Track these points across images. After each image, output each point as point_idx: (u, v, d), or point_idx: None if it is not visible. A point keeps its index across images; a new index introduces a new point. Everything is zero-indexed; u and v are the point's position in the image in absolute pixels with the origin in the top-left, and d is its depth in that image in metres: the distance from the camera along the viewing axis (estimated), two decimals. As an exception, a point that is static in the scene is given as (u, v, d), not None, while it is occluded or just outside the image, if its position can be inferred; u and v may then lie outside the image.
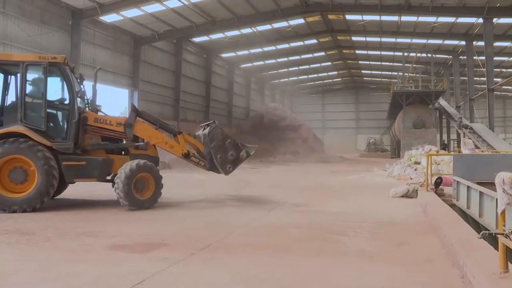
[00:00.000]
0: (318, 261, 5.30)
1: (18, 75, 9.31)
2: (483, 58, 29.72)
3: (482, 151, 21.34)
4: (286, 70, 53.76)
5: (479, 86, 40.02)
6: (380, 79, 60.42)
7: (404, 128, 37.93)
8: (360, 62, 52.41)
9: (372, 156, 45.38)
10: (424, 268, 4.98)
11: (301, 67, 52.94)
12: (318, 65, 53.07)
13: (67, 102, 9.47)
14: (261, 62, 48.82)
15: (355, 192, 13.05)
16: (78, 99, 9.65)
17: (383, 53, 45.19)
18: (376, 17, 33.54)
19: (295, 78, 59.10)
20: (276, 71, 54.11)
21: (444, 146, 35.70)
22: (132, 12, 27.79)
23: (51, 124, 9.38)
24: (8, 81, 9.81)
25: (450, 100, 43.89)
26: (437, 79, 43.54)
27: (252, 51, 43.62)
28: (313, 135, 45.94)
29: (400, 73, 42.13)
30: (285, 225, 7.62)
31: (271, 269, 4.96)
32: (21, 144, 8.62)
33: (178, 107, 35.29)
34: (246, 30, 36.66)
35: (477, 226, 7.21)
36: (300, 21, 36.18)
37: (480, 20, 29.13)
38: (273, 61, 48.53)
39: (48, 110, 9.20)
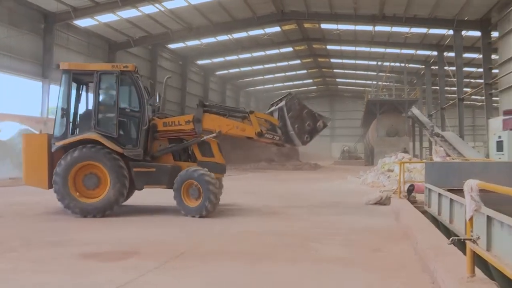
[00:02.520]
0: (294, 269, 5.30)
1: (90, 84, 9.66)
2: (454, 68, 30.55)
3: (453, 159, 21.85)
4: (261, 77, 54.02)
5: (450, 95, 41.02)
6: (354, 88, 61.31)
7: (377, 136, 38.50)
8: (335, 70, 53.09)
9: (346, 164, 45.87)
10: (398, 274, 5.03)
11: (276, 75, 53.27)
12: (294, 73, 53.52)
13: (137, 109, 9.55)
14: (237, 70, 48.95)
15: (330, 199, 13.13)
16: (148, 107, 9.79)
17: (358, 62, 45.91)
18: (351, 27, 34.09)
19: (271, 85, 59.41)
20: (251, 79, 54.32)
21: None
22: (107, 17, 27.53)
23: (122, 131, 9.51)
24: (81, 91, 10.11)
25: (422, 108, 44.82)
26: (410, 88, 44.46)
27: (228, 58, 43.72)
28: (288, 143, 46.04)
29: (374, 82, 42.84)
30: (260, 232, 7.61)
31: (246, 277, 4.94)
32: (96, 151, 8.94)
33: (153, 113, 34.96)
34: (222, 37, 36.77)
35: (448, 232, 7.34)
36: (276, 29, 36.49)
37: (450, 32, 29.96)
38: (249, 68, 48.72)
39: (120, 118, 9.36)
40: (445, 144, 28.61)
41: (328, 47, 42.52)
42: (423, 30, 32.40)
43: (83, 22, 27.50)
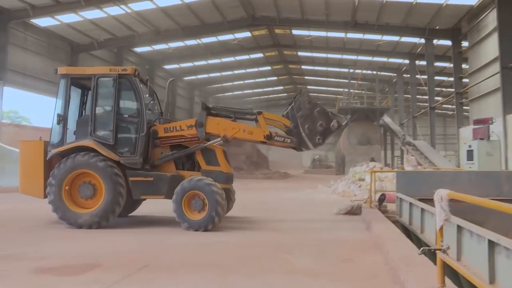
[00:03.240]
0: (263, 280, 5.30)
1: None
2: (426, 77, 31.42)
3: (424, 168, 22.37)
4: (231, 83, 54.11)
5: (421, 104, 42.11)
6: (326, 95, 62.09)
7: (349, 144, 39.07)
8: (306, 77, 53.70)
9: (317, 173, 46.29)
10: (369, 285, 5.10)
11: (246, 81, 53.47)
12: (264, 79, 53.82)
13: (135, 115, 9.26)
14: (206, 75, 48.89)
15: (300, 209, 13.23)
16: (148, 112, 9.52)
17: (329, 69, 46.58)
18: (322, 33, 34.61)
19: (240, 92, 59.56)
20: (220, 85, 54.32)
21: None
22: (69, 17, 27.04)
23: (120, 138, 9.26)
24: (86, 96, 10.04)
25: (394, 117, 45.81)
26: (381, 96, 45.39)
27: (197, 63, 43.61)
28: (257, 151, 46.27)
29: (346, 90, 43.50)
30: (229, 243, 7.58)
31: (213, 289, 4.91)
32: (90, 159, 8.76)
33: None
34: (191, 42, 36.70)
35: (419, 242, 7.50)
36: (247, 34, 36.68)
37: (422, 41, 30.85)
38: (218, 74, 48.71)
39: (117, 124, 9.17)
40: (417, 153, 29.30)
41: (299, 53, 43.02)
42: (395, 38, 33.21)
43: (43, 21, 26.93)
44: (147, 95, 9.94)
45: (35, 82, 26.14)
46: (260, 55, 43.62)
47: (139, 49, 37.38)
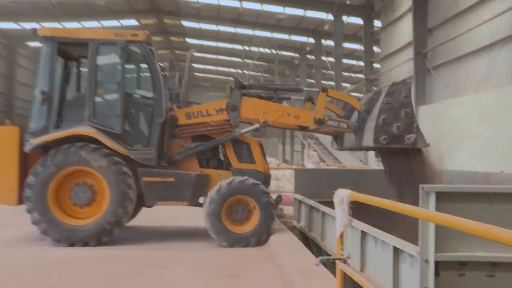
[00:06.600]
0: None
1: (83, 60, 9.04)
2: (332, 59, 32.86)
3: (327, 165, 23.51)
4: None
5: (326, 91, 43.98)
6: (215, 76, 62.52)
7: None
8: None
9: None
10: (257, 304, 5.27)
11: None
12: (139, 53, 52.80)
13: (150, 96, 8.77)
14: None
15: (176, 214, 13.15)
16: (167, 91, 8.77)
17: (220, 44, 46.92)
18: (213, 1, 34.68)
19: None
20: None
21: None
22: None
23: (129, 125, 8.74)
24: (69, 69, 9.51)
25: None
26: (281, 79, 46.72)
27: (47, 25, 41.08)
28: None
29: (239, 71, 44.13)
30: (86, 260, 7.38)
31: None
32: (90, 152, 8.06)
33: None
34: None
35: (320, 252, 7.88)
36: (117, -7, 35.62)
37: (330, 17, 32.19)
38: (79, 43, 46.80)
39: (126, 107, 8.55)
40: (320, 147, 30.65)
41: (184, 23, 42.77)
42: (299, 12, 34.23)
43: None
44: (168, 71, 9.54)
45: None
46: (134, 22, 42.52)
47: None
